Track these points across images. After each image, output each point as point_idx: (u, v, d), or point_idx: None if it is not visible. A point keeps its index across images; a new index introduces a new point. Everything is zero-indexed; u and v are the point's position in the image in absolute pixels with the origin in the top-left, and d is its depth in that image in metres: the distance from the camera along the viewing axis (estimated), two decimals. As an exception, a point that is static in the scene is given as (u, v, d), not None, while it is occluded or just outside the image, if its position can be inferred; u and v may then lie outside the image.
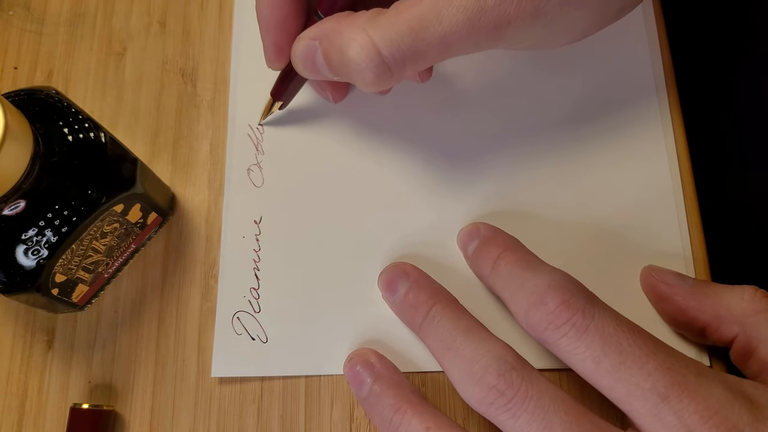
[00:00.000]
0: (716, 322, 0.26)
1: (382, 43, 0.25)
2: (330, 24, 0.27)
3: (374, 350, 0.29)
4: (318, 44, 0.27)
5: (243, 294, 0.31)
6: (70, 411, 0.29)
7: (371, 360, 0.28)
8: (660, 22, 0.35)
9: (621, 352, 0.23)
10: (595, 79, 0.34)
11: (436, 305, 0.27)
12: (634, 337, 0.23)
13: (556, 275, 0.25)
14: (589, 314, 0.24)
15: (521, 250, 0.28)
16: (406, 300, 0.29)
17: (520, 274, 0.26)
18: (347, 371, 0.29)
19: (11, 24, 0.37)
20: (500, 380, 0.24)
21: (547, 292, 0.24)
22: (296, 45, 0.28)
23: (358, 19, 0.26)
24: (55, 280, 0.28)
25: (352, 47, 0.25)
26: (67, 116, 0.27)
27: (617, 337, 0.23)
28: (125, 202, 0.28)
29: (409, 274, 0.29)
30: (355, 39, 0.25)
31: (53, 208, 0.26)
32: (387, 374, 0.28)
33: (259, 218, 0.32)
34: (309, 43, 0.27)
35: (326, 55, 0.27)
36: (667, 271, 0.29)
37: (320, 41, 0.27)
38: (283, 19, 0.28)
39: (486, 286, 0.29)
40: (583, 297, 0.24)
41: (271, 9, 0.28)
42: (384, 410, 0.26)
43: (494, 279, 0.28)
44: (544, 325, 0.24)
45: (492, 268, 0.28)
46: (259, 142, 0.34)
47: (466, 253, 0.30)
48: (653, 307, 0.29)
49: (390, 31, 0.24)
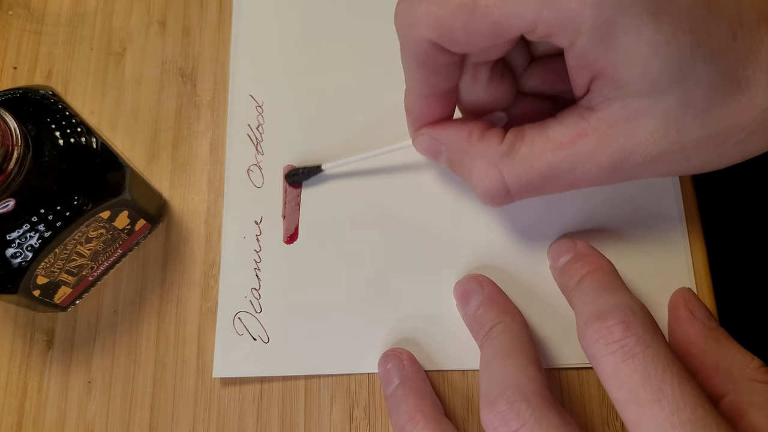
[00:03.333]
0: (713, 372, 0.26)
1: (513, 183, 0.26)
2: (460, 140, 0.27)
3: (408, 351, 0.30)
4: (444, 149, 0.28)
5: (244, 294, 0.31)
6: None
7: (404, 361, 0.29)
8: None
9: (660, 390, 0.22)
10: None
11: (498, 325, 0.28)
12: (680, 383, 0.22)
13: (631, 300, 0.25)
14: (644, 342, 0.23)
15: (611, 272, 0.28)
16: (475, 315, 0.29)
17: (598, 292, 0.26)
18: (380, 366, 0.30)
19: (11, 24, 0.37)
20: (508, 409, 0.24)
21: (612, 310, 0.24)
22: (420, 138, 0.29)
23: (491, 150, 0.26)
24: (37, 282, 0.27)
25: (483, 182, 0.27)
26: (60, 119, 0.27)
27: (662, 376, 0.22)
28: (112, 209, 0.28)
29: (483, 288, 0.30)
30: (488, 175, 0.26)
31: (38, 211, 0.26)
32: (413, 380, 0.29)
33: (259, 218, 0.32)
34: (434, 142, 0.28)
35: (452, 165, 0.28)
36: (700, 304, 0.29)
37: (447, 149, 0.28)
38: (430, 115, 0.29)
39: (566, 298, 0.29)
40: (645, 325, 0.24)
41: (419, 106, 0.28)
42: (400, 415, 0.27)
43: (576, 293, 0.28)
44: (595, 338, 0.24)
45: (578, 282, 0.28)
46: (258, 142, 0.34)
47: (555, 263, 0.30)
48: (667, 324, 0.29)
49: (522, 175, 0.26)
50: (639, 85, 0.23)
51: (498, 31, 0.23)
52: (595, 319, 0.24)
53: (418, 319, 0.31)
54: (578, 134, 0.25)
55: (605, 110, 0.24)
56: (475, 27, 0.23)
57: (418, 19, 0.24)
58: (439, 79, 0.26)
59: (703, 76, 0.23)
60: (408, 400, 0.28)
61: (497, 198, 0.27)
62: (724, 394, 0.25)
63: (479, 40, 0.24)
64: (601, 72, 0.23)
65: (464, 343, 0.30)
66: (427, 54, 0.25)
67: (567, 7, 0.22)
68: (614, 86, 0.23)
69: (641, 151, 0.24)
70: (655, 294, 0.30)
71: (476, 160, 0.27)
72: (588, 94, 0.25)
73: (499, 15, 0.23)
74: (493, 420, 0.24)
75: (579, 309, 0.26)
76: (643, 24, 0.22)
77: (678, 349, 0.28)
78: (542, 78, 0.28)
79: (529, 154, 0.26)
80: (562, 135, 0.25)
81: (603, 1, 0.21)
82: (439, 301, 0.31)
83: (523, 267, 0.31)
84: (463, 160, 0.27)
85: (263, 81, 0.35)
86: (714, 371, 0.26)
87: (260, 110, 0.34)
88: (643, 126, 0.24)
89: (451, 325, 0.30)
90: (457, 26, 0.23)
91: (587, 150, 0.25)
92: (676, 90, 0.23)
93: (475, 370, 0.30)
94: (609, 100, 0.24)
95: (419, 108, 0.28)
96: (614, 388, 0.23)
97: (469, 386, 0.30)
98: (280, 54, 0.35)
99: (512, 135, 0.26)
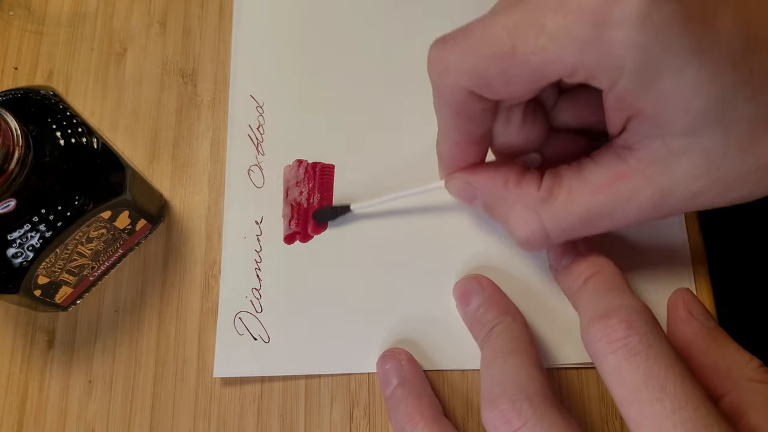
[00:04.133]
0: (712, 372, 0.26)
1: (552, 229, 0.26)
2: (496, 187, 0.27)
3: (407, 351, 0.30)
4: (479, 194, 0.28)
5: (245, 294, 0.31)
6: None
7: (402, 362, 0.29)
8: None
9: (663, 389, 0.22)
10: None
11: (499, 325, 0.28)
12: (682, 382, 0.22)
13: (634, 300, 0.25)
14: (646, 341, 0.23)
15: (615, 273, 0.28)
16: (476, 315, 0.29)
17: (602, 293, 0.26)
18: (378, 367, 0.30)
19: (12, 24, 0.37)
20: (510, 408, 0.24)
21: (615, 310, 0.24)
22: (453, 183, 0.29)
23: (529, 197, 0.26)
24: (38, 282, 0.28)
25: (523, 229, 0.26)
26: (61, 120, 0.27)
27: (665, 375, 0.22)
28: (113, 209, 0.28)
29: (483, 288, 0.30)
30: (527, 222, 0.26)
31: (39, 211, 0.26)
32: (412, 380, 0.29)
33: (260, 218, 0.33)
34: (468, 188, 0.28)
35: (488, 210, 0.28)
36: (698, 303, 0.29)
37: (482, 195, 0.28)
38: (464, 160, 0.28)
39: (569, 299, 0.29)
40: (649, 325, 0.24)
41: (453, 152, 0.28)
42: (399, 417, 0.27)
43: (580, 294, 0.28)
44: (598, 337, 0.24)
45: (583, 284, 0.28)
46: (259, 142, 0.34)
47: (557, 264, 0.30)
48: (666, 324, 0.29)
49: (562, 221, 0.25)
50: (680, 124, 0.22)
51: (536, 77, 0.23)
52: (598, 318, 0.24)
53: (419, 320, 0.31)
54: (617, 176, 0.24)
55: (644, 150, 0.24)
56: (513, 75, 0.23)
57: (452, 67, 0.24)
58: (473, 125, 0.26)
59: (745, 113, 0.22)
60: (407, 401, 0.28)
61: (536, 244, 0.26)
62: (723, 394, 0.25)
63: (517, 87, 0.23)
64: (641, 111, 0.23)
65: (464, 344, 0.30)
66: (462, 102, 0.25)
67: (609, 51, 0.21)
68: (654, 126, 0.23)
69: (682, 190, 0.24)
70: (654, 294, 0.30)
71: (514, 206, 0.26)
72: (624, 132, 0.24)
73: (537, 62, 0.22)
74: (495, 419, 0.24)
75: (583, 310, 0.26)
76: (686, 63, 0.21)
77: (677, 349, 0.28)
78: (574, 112, 0.28)
79: (567, 199, 0.25)
80: (600, 178, 0.25)
81: (648, 43, 0.21)
82: (439, 301, 0.31)
83: (523, 267, 0.31)
84: (500, 206, 0.27)
85: (264, 81, 0.35)
86: (713, 371, 0.26)
87: (261, 110, 0.34)
88: (683, 164, 0.23)
89: (451, 326, 0.30)
90: (493, 74, 0.23)
91: (627, 192, 0.24)
92: (718, 128, 0.22)
93: (475, 370, 0.30)
94: (647, 139, 0.23)
95: (452, 153, 0.28)
96: (616, 387, 0.23)
97: (469, 386, 0.30)
98: (280, 54, 0.35)
99: (549, 180, 0.26)
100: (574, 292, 0.28)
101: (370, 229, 0.32)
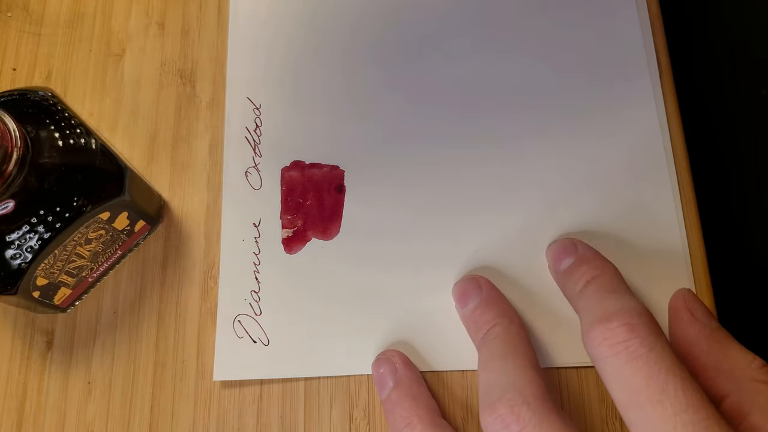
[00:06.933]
0: (714, 373, 0.26)
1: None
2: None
3: (401, 353, 0.30)
4: None
5: (244, 297, 0.31)
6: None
7: (396, 364, 0.29)
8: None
9: (663, 392, 0.22)
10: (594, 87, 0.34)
11: (496, 327, 0.28)
12: (683, 385, 0.22)
13: (635, 303, 0.25)
14: (647, 344, 0.23)
15: (616, 276, 0.28)
16: (473, 316, 0.29)
17: (603, 296, 0.26)
18: (373, 371, 0.30)
19: (10, 25, 0.37)
20: (508, 412, 0.24)
21: (616, 313, 0.24)
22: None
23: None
24: (37, 283, 0.28)
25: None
26: (59, 121, 0.27)
27: (666, 378, 0.22)
28: (111, 210, 0.28)
29: (482, 289, 0.30)
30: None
31: (38, 212, 0.26)
32: (407, 382, 0.29)
33: (258, 221, 0.33)
34: None
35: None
36: (700, 304, 0.28)
37: None
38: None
39: (569, 302, 0.29)
40: (650, 328, 0.24)
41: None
42: (396, 420, 0.27)
43: (581, 297, 0.28)
44: (599, 340, 0.24)
45: (583, 287, 0.28)
46: (256, 144, 0.34)
47: (556, 266, 0.30)
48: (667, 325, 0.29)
49: None
50: None
51: None
52: (599, 321, 0.24)
53: (418, 321, 0.31)
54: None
55: None
56: None
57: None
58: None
59: None
60: (403, 404, 0.28)
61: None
62: (725, 395, 0.25)
63: None
64: None
65: (463, 344, 0.30)
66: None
67: None
68: None
69: None
70: (654, 295, 0.30)
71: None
72: None
73: None
74: (494, 423, 0.24)
75: (584, 313, 0.26)
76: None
77: (679, 350, 0.28)
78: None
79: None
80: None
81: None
82: (438, 302, 0.31)
83: (522, 268, 0.31)
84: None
85: (261, 83, 0.35)
86: (715, 372, 0.26)
87: (258, 112, 0.34)
88: None
89: (450, 327, 0.30)
90: None
91: None
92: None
93: (474, 370, 0.30)
94: None
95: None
96: (617, 390, 0.23)
97: (468, 387, 0.30)
98: (277, 56, 0.35)
99: None
100: (574, 295, 0.28)
101: (369, 230, 0.32)
